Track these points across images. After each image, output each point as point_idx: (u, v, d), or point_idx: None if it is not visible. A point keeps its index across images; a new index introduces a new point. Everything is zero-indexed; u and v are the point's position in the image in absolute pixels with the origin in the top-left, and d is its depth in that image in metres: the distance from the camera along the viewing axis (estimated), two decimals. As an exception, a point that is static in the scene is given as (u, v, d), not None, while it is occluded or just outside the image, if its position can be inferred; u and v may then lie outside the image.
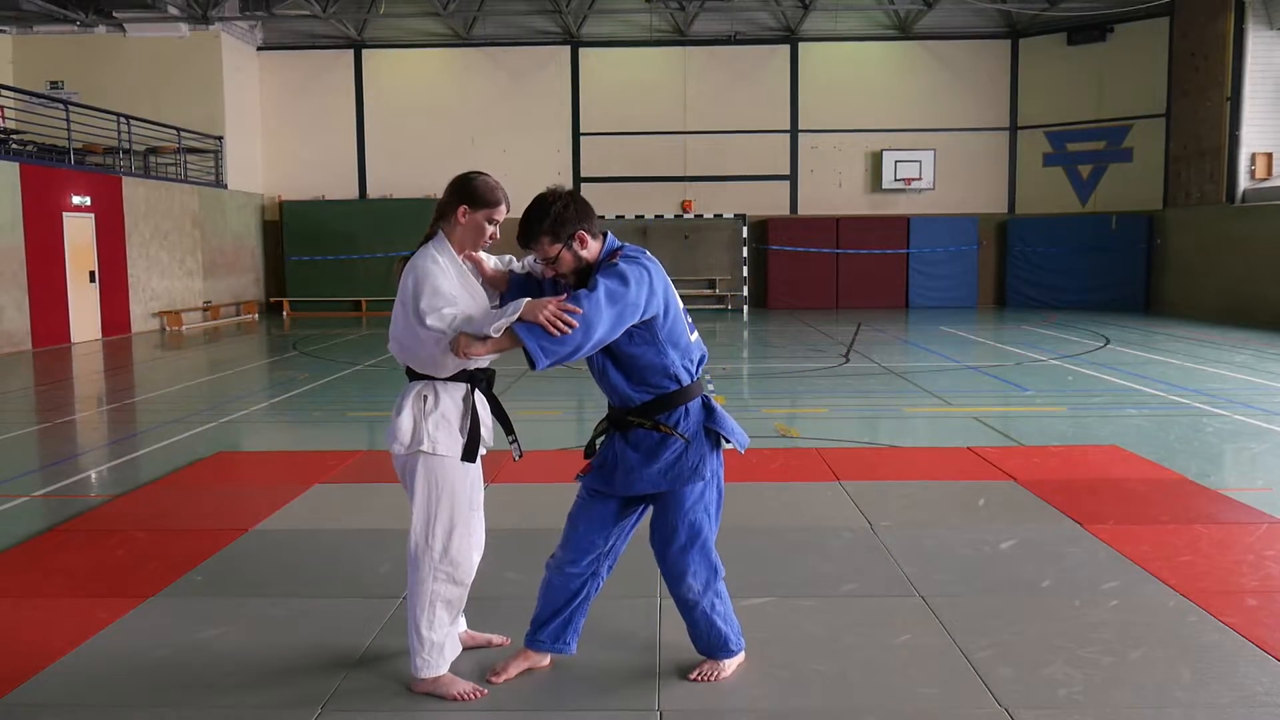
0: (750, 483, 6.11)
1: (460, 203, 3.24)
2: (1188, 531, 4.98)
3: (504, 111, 22.73)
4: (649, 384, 3.20)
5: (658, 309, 3.15)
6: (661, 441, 3.20)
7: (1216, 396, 9.56)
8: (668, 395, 3.21)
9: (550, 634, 3.39)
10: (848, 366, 12.34)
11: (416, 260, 3.20)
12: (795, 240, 22.72)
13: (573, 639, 3.42)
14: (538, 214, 3.14)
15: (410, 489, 3.28)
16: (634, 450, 3.21)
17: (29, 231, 15.37)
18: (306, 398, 10.33)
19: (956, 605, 4.03)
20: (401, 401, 3.26)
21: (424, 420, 3.21)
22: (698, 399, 3.26)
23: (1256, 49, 18.17)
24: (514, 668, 3.41)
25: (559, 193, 3.18)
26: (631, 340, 3.15)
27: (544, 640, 3.40)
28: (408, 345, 3.22)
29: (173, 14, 20.55)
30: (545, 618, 3.39)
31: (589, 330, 2.98)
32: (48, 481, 6.65)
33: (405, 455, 3.25)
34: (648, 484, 3.20)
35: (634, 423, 3.21)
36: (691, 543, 3.27)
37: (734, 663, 3.44)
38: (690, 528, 3.26)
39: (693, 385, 3.25)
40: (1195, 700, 3.21)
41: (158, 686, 3.39)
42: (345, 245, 22.68)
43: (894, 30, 22.64)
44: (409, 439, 3.22)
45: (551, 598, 3.38)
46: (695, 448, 3.22)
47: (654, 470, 3.20)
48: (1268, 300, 17.36)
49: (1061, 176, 22.40)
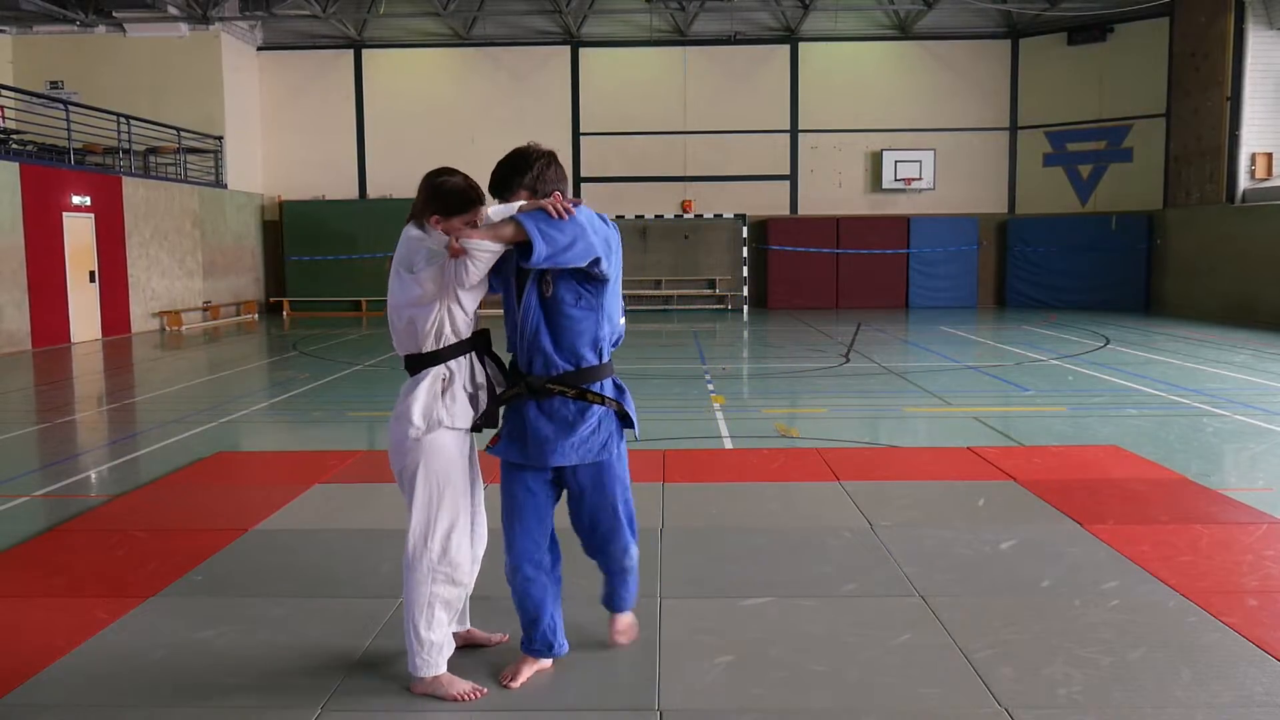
0: (750, 483, 6.12)
1: (433, 214, 3.22)
2: (1188, 531, 4.98)
3: (504, 111, 22.73)
4: (575, 352, 3.19)
5: (612, 270, 3.19)
6: (579, 413, 3.20)
7: (1216, 396, 9.56)
8: (588, 368, 3.21)
9: (541, 640, 3.42)
10: (848, 366, 12.34)
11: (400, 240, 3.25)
12: (795, 240, 22.73)
13: (563, 639, 3.46)
14: (520, 165, 3.13)
15: (409, 488, 3.26)
16: (549, 421, 3.20)
17: (29, 231, 15.37)
18: (306, 398, 10.33)
19: (956, 605, 4.03)
20: (414, 386, 3.23)
21: (439, 400, 3.21)
22: (610, 378, 3.31)
23: (1256, 49, 18.17)
24: (525, 672, 3.41)
25: (540, 149, 3.18)
26: (579, 301, 3.16)
27: (539, 647, 3.43)
28: (407, 319, 3.20)
29: (173, 14, 20.55)
30: (529, 626, 3.42)
31: (583, 230, 3.01)
32: (48, 481, 6.65)
33: (409, 447, 3.22)
34: (563, 456, 3.20)
35: (554, 390, 3.18)
36: (627, 514, 3.42)
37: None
38: (625, 503, 3.39)
39: (609, 363, 3.30)
40: (1195, 700, 3.21)
41: (158, 686, 3.39)
42: (345, 245, 22.69)
43: (894, 30, 22.64)
44: (424, 419, 3.19)
45: (526, 608, 3.40)
46: (608, 423, 3.27)
47: (570, 443, 3.19)
48: (1268, 300, 17.36)
49: (1061, 176, 22.41)
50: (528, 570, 3.33)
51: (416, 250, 3.15)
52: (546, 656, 3.44)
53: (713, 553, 4.74)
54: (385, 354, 14.28)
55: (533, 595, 3.36)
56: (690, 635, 3.76)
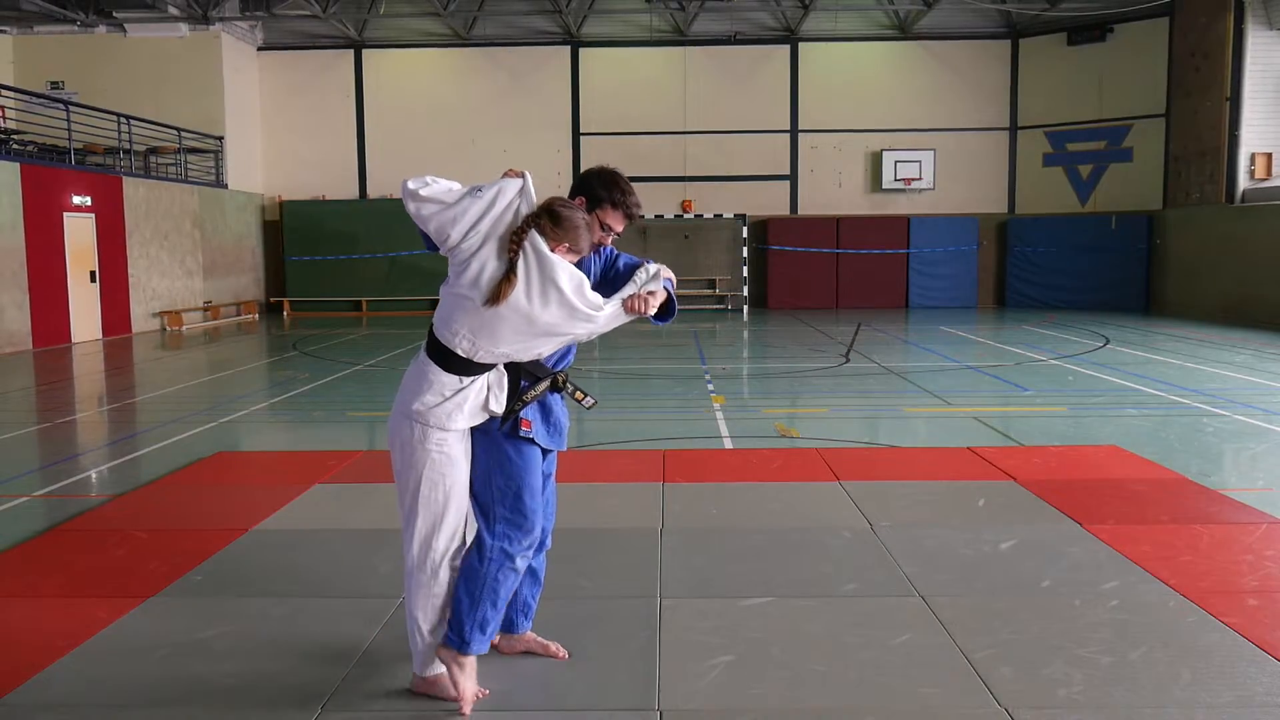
0: (750, 483, 6.12)
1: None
2: (1188, 531, 4.98)
3: (504, 111, 22.73)
4: (573, 350, 3.47)
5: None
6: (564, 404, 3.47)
7: (1216, 396, 9.56)
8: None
9: (521, 617, 3.58)
10: (848, 366, 12.34)
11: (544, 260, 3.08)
12: (795, 240, 22.73)
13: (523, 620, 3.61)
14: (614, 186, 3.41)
15: (412, 488, 3.24)
16: (564, 410, 3.44)
17: (29, 231, 15.37)
18: (306, 398, 10.33)
19: (956, 605, 4.03)
20: (420, 380, 3.19)
21: (449, 401, 3.17)
22: None
23: (1256, 49, 18.18)
24: (538, 647, 3.58)
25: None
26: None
27: (523, 625, 3.60)
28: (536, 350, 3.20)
29: (173, 14, 20.56)
30: (511, 605, 3.52)
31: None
32: (48, 481, 6.65)
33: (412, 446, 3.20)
34: (565, 442, 3.47)
35: (565, 385, 3.40)
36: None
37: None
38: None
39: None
40: (1195, 700, 3.21)
41: (158, 686, 3.39)
42: (345, 245, 22.69)
43: (894, 30, 22.64)
44: (428, 413, 3.18)
45: (529, 587, 3.55)
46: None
47: (568, 429, 3.48)
48: (1268, 300, 17.36)
49: (1061, 176, 22.41)
50: (538, 552, 3.47)
51: (563, 279, 3.06)
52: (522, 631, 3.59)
53: (713, 553, 4.73)
54: (385, 354, 14.29)
55: (526, 575, 3.48)
56: (690, 635, 3.76)
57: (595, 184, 3.31)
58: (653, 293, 3.16)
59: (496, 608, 3.24)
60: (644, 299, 3.15)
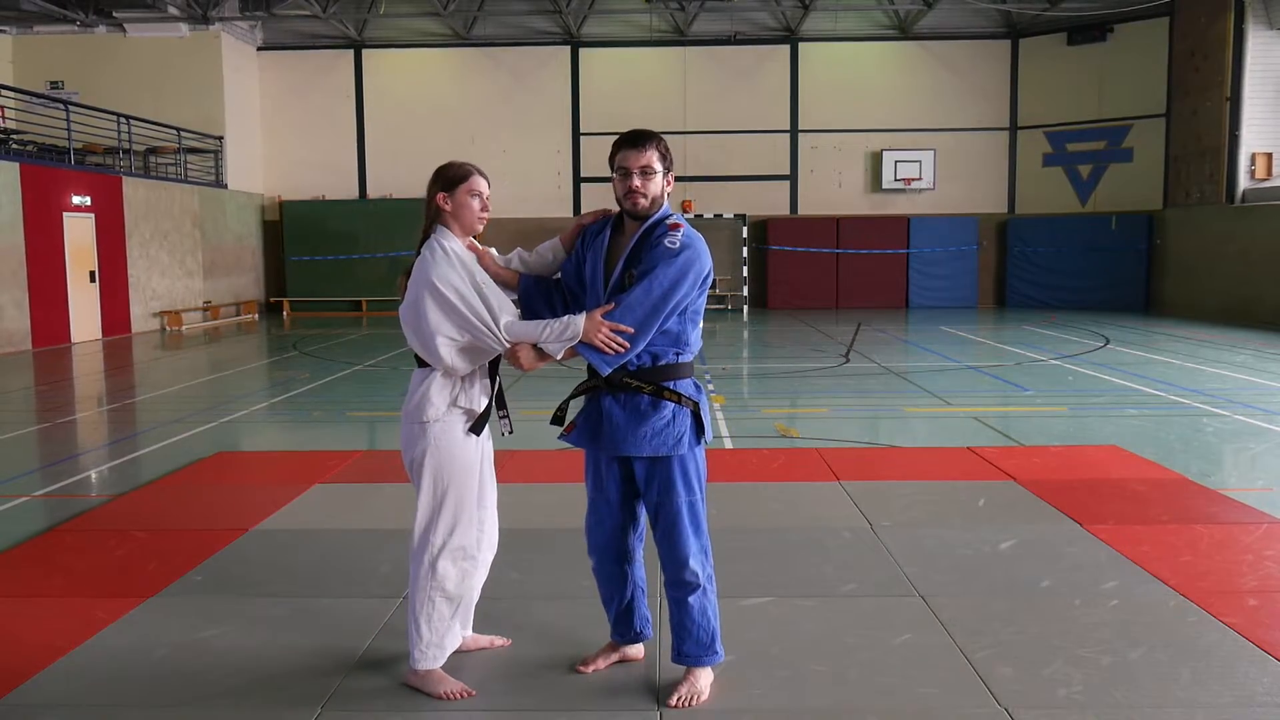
0: (750, 483, 6.12)
1: (438, 192, 3.30)
2: (1188, 531, 4.98)
3: (504, 111, 22.73)
4: (653, 349, 3.16)
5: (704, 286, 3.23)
6: (653, 406, 3.15)
7: (1216, 396, 9.56)
8: (668, 365, 3.18)
9: (615, 627, 3.49)
10: (848, 366, 12.34)
11: (427, 271, 3.16)
12: (795, 240, 22.73)
13: (642, 626, 3.49)
14: (657, 134, 3.22)
15: (418, 480, 3.29)
16: (622, 410, 3.17)
17: (29, 231, 15.37)
18: (306, 398, 10.32)
19: (956, 605, 4.03)
20: (426, 375, 3.26)
21: (454, 388, 3.26)
22: (691, 378, 3.26)
23: (1256, 49, 18.17)
24: (599, 660, 3.49)
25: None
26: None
27: (615, 635, 3.50)
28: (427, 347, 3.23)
29: (173, 14, 20.55)
30: (607, 610, 3.49)
31: (640, 338, 3.08)
32: (48, 481, 6.65)
33: (420, 438, 3.23)
34: (634, 446, 3.15)
35: (631, 385, 3.15)
36: (693, 522, 3.24)
37: (711, 676, 3.31)
38: (691, 507, 3.23)
39: (690, 364, 3.26)
40: (1195, 700, 3.21)
41: (158, 686, 3.39)
42: (345, 245, 22.68)
43: (894, 30, 22.64)
44: (440, 404, 3.23)
45: (600, 593, 3.48)
46: (682, 419, 3.18)
47: (641, 433, 3.14)
48: (1268, 300, 17.36)
49: (1061, 176, 22.41)
50: (595, 557, 3.42)
51: (445, 304, 3.15)
52: (627, 643, 3.50)
53: (713, 553, 4.72)
54: (385, 354, 14.29)
55: (602, 581, 3.44)
56: (690, 635, 3.76)
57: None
58: (519, 349, 3.11)
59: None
60: (514, 353, 3.13)
